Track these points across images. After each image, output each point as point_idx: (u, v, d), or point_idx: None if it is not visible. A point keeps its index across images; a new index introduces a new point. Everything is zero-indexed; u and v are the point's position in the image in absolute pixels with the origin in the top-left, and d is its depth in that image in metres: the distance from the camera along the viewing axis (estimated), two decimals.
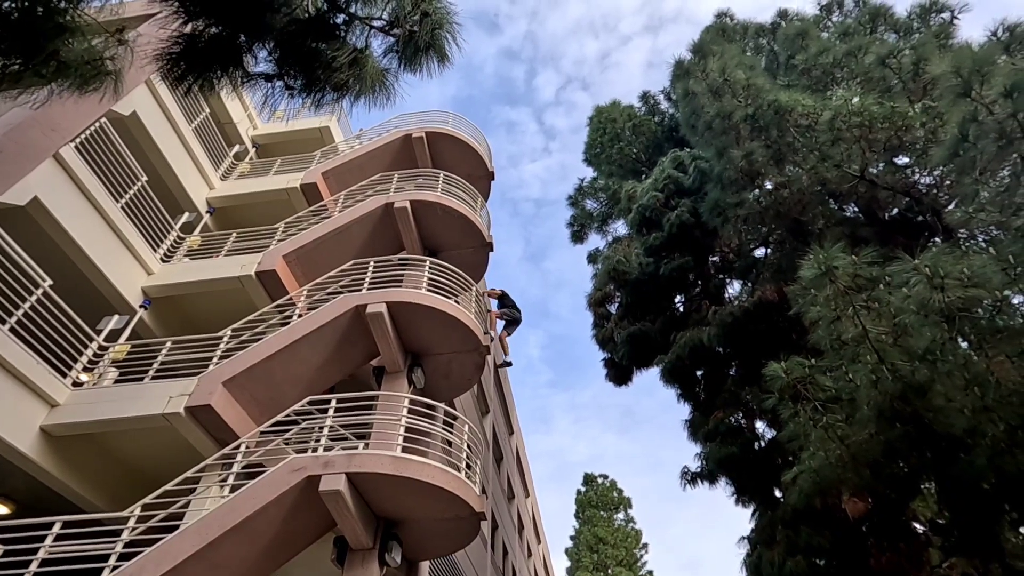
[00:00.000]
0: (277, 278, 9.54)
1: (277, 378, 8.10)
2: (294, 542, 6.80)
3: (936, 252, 5.12)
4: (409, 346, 9.14)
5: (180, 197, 11.05)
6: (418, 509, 7.00)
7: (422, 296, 8.60)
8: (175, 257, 10.22)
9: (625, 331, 13.44)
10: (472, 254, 11.25)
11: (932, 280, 4.73)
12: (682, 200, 12.70)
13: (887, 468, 6.35)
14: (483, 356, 9.43)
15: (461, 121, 13.41)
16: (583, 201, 18.97)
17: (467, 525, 7.32)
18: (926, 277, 4.82)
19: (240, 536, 6.13)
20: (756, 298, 10.45)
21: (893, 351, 5.76)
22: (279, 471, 6.37)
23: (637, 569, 41.36)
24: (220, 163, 12.39)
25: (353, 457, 6.42)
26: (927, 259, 4.97)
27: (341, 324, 8.46)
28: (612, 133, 18.02)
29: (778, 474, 11.30)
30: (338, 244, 10.18)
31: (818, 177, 8.54)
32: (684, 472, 13.70)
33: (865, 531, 9.71)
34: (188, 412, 7.35)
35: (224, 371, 7.73)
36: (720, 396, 11.38)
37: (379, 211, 10.48)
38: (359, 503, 6.59)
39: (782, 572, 9.32)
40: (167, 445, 7.62)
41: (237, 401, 7.78)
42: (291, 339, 8.06)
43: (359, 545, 6.80)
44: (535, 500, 30.09)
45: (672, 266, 12.29)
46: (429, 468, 6.59)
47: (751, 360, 11.00)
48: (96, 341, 8.39)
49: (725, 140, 9.36)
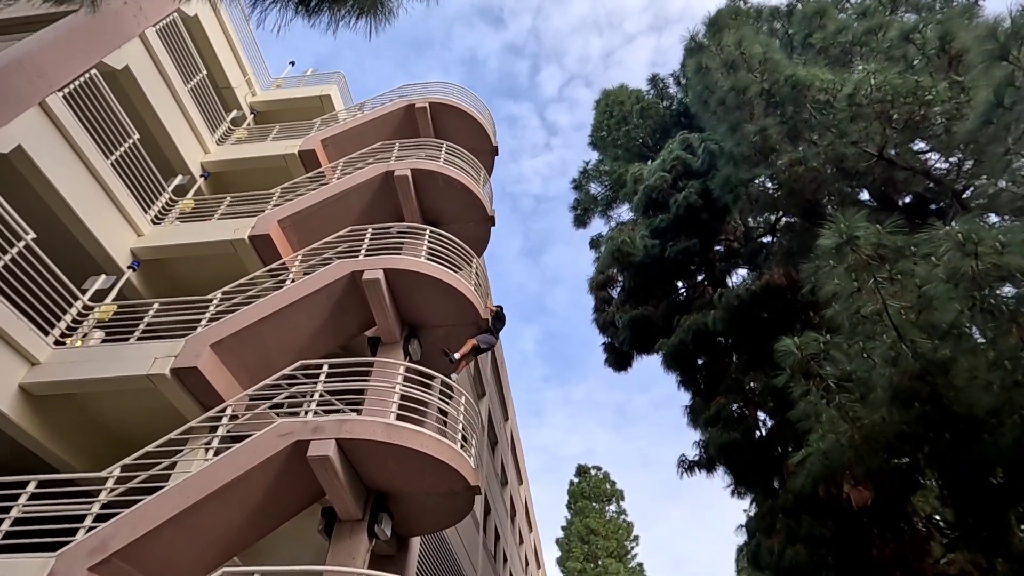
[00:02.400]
0: (271, 243, 9.21)
1: (268, 344, 7.80)
2: (280, 511, 6.53)
3: (967, 219, 4.83)
4: (406, 317, 8.85)
5: (173, 159, 10.70)
6: (411, 481, 6.73)
7: (421, 264, 8.30)
8: (166, 220, 9.89)
9: (627, 315, 13.15)
10: (473, 228, 10.93)
11: (965, 246, 4.44)
12: (690, 182, 12.37)
13: (901, 451, 6.09)
14: (482, 330, 9.14)
15: (465, 93, 13.06)
16: (587, 185, 18.64)
17: (461, 500, 7.06)
18: (958, 244, 4.52)
19: (223, 502, 5.85)
20: (764, 282, 10.17)
21: (913, 329, 5.48)
22: (266, 435, 6.09)
23: (628, 561, 41.37)
24: (216, 127, 12.03)
25: (344, 423, 6.13)
26: (959, 226, 4.68)
27: (336, 290, 8.16)
28: (619, 115, 17.65)
29: (778, 464, 11.09)
30: (335, 211, 9.84)
31: (835, 155, 8.22)
32: (681, 460, 13.48)
33: (867, 522, 9.49)
34: (174, 374, 7.06)
35: (212, 334, 7.43)
36: (723, 382, 11.12)
37: (379, 179, 10.14)
38: (349, 472, 6.31)
39: (781, 561, 9.09)
40: (151, 409, 7.33)
41: (225, 366, 7.49)
42: (283, 303, 7.76)
43: (348, 516, 6.53)
44: (528, 488, 29.96)
45: (678, 248, 11.98)
46: (423, 437, 6.32)
47: (756, 345, 10.73)
48: (81, 300, 8.08)
49: (739, 116, 9.03)
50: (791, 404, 10.28)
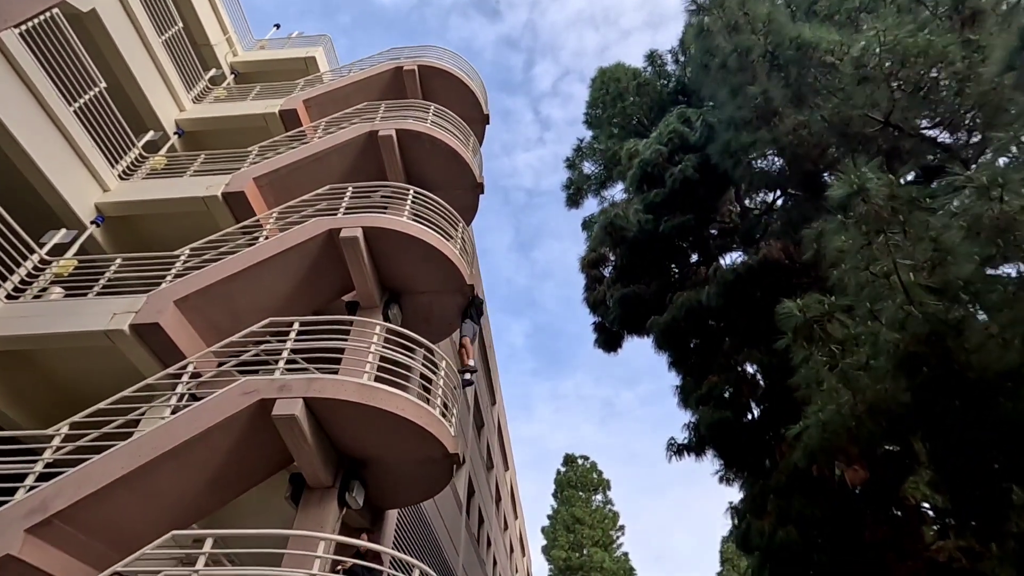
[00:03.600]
0: (246, 202, 8.71)
1: (238, 304, 7.32)
2: (244, 476, 6.10)
3: (987, 163, 4.46)
4: (387, 281, 8.40)
5: (144, 113, 10.14)
6: (386, 447, 6.32)
7: (403, 224, 7.84)
8: (135, 176, 9.34)
9: (618, 292, 12.78)
10: (461, 196, 10.45)
11: (989, 190, 4.07)
12: (687, 155, 11.97)
13: (906, 420, 5.76)
14: (467, 298, 8.71)
15: (458, 59, 12.55)
16: (581, 163, 18.20)
17: (439, 469, 6.66)
18: (980, 188, 4.15)
19: (179, 463, 5.41)
20: (762, 256, 9.82)
21: (923, 291, 5.12)
22: (228, 393, 5.64)
23: (613, 550, 41.36)
24: (193, 85, 11.45)
25: (313, 382, 5.70)
26: (981, 170, 4.31)
27: (312, 249, 7.69)
28: (615, 92, 17.19)
29: (770, 446, 10.80)
30: (315, 172, 9.33)
31: (840, 118, 7.85)
32: (670, 444, 13.17)
33: (860, 504, 9.22)
34: (133, 331, 6.59)
35: (178, 290, 6.95)
36: (715, 361, 10.79)
37: (362, 139, 9.64)
38: (319, 435, 5.89)
39: (772, 542, 8.81)
40: (110, 369, 6.84)
41: (191, 324, 7.02)
42: (254, 260, 7.28)
43: (317, 483, 6.12)
44: (514, 474, 29.71)
45: (672, 224, 11.60)
46: (400, 399, 5.89)
47: (751, 323, 10.40)
48: (38, 254, 7.57)
49: (741, 79, 8.63)
50: (785, 383, 10.02)
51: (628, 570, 40.12)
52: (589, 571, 39.01)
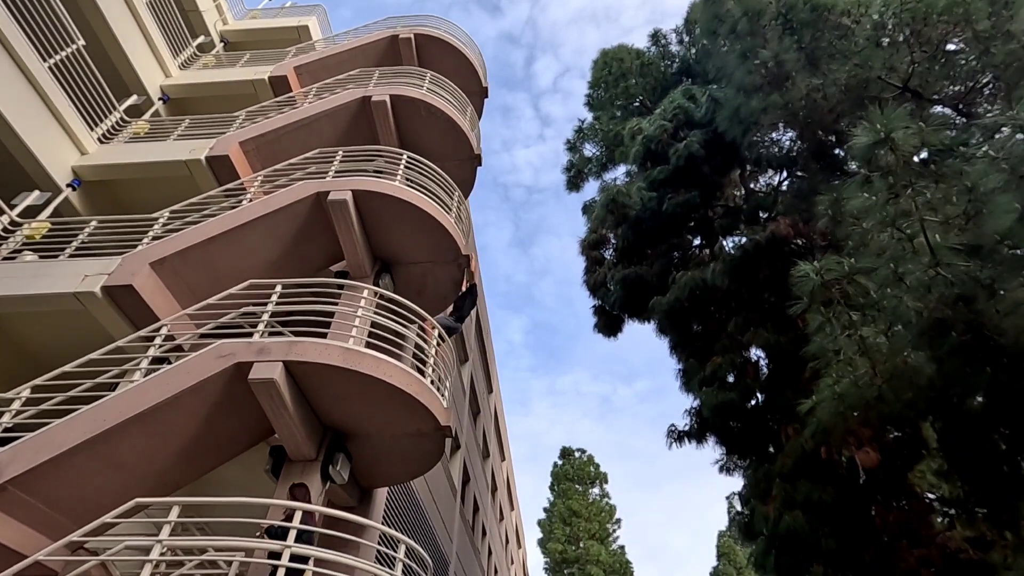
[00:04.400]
0: (231, 167, 8.29)
1: (219, 269, 6.91)
2: (221, 447, 5.71)
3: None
4: (378, 250, 7.99)
5: (127, 76, 9.70)
6: (373, 418, 5.94)
7: (395, 188, 7.43)
8: (116, 140, 8.91)
9: (619, 274, 12.38)
10: (458, 167, 10.03)
11: None
12: (693, 132, 11.56)
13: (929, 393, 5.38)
14: (462, 270, 8.32)
15: (456, 30, 12.10)
16: (582, 146, 17.77)
17: (430, 444, 6.28)
18: None
19: (147, 430, 5.03)
20: (769, 232, 9.43)
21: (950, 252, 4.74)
22: (203, 356, 5.25)
23: (609, 544, 41.13)
24: (180, 51, 11.00)
25: (294, 345, 5.31)
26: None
27: (299, 213, 7.28)
28: (618, 72, 16.73)
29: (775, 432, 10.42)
30: (305, 138, 8.91)
31: (857, 82, 7.44)
32: (671, 430, 12.81)
33: (869, 489, 8.88)
34: (106, 293, 6.20)
35: (154, 251, 6.55)
36: (719, 342, 10.41)
37: (354, 105, 9.22)
38: (300, 403, 5.50)
39: (777, 528, 8.45)
40: (81, 334, 6.44)
41: (168, 288, 6.62)
42: (237, 223, 6.88)
43: (299, 455, 5.74)
44: (511, 464, 29.40)
45: (677, 202, 11.19)
46: (387, 365, 5.51)
47: (757, 302, 10.02)
48: (8, 215, 7.16)
49: (751, 43, 8.20)
50: (792, 364, 9.64)
51: (624, 563, 39.90)
52: (585, 564, 38.81)
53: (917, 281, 4.87)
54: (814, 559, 8.20)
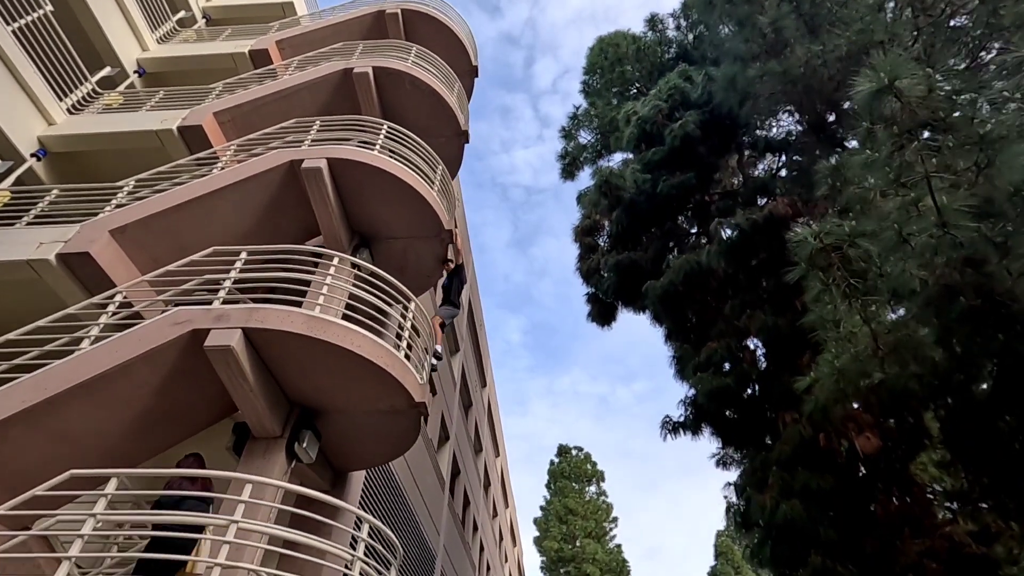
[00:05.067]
0: (204, 138, 7.94)
1: (185, 239, 6.55)
2: (179, 422, 5.36)
3: None
4: (356, 224, 7.64)
5: (101, 47, 9.34)
6: (343, 394, 5.58)
7: (373, 157, 7.07)
8: (87, 111, 8.55)
9: (613, 259, 12.03)
10: (445, 144, 9.68)
11: None
12: (689, 112, 11.21)
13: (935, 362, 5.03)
14: (445, 246, 7.97)
15: (445, 7, 11.75)
16: (576, 133, 17.42)
17: (404, 423, 5.93)
18: None
19: (95, 400, 4.67)
20: (767, 211, 9.08)
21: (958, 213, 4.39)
22: (156, 323, 4.90)
23: (606, 542, 40.75)
24: (159, 25, 10.64)
25: (255, 311, 4.95)
26: None
27: (271, 183, 6.93)
28: (614, 58, 16.39)
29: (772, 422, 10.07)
30: (284, 111, 8.55)
31: (857, 48, 7.09)
32: (665, 421, 12.47)
33: (870, 478, 8.53)
34: (61, 261, 5.86)
35: (114, 219, 6.20)
36: (715, 327, 10.06)
37: (336, 77, 8.87)
38: (263, 376, 5.15)
39: (774, 517, 8.11)
40: (37, 306, 6.03)
41: (131, 258, 6.27)
42: (205, 191, 6.53)
43: (263, 432, 5.38)
44: (505, 460, 29.04)
45: (672, 183, 10.83)
46: (356, 335, 5.15)
47: (753, 284, 9.67)
48: None
49: (749, 9, 7.87)
50: (790, 347, 9.29)
51: (621, 562, 39.50)
52: (581, 563, 38.43)
53: (923, 244, 4.52)
54: (812, 549, 7.85)
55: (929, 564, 7.08)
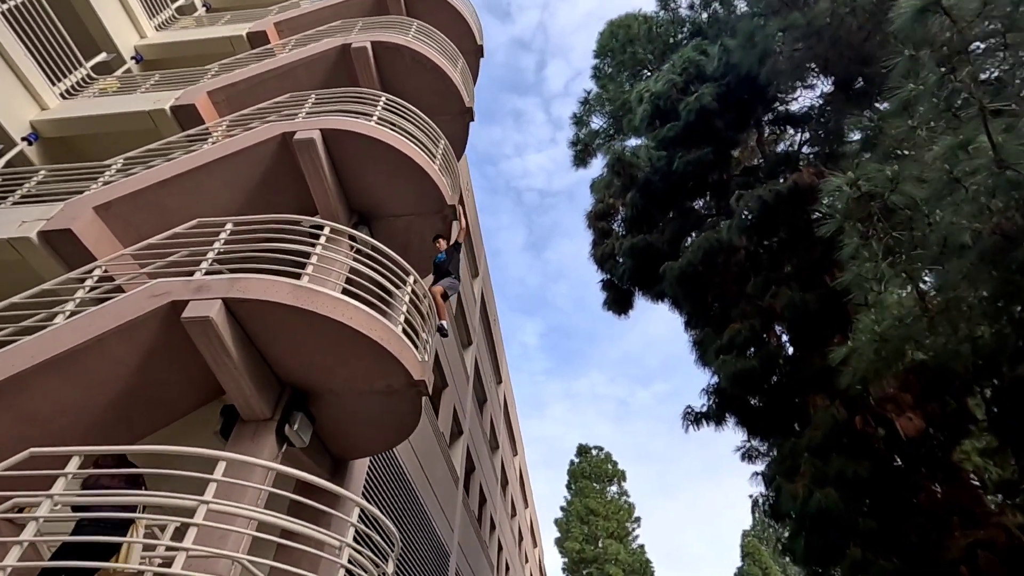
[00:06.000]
0: (197, 117, 7.67)
1: (174, 217, 6.19)
2: (162, 404, 5.02)
3: None
4: (355, 202, 7.28)
5: (96, 33, 9.16)
6: (335, 371, 5.19)
7: (369, 127, 6.70)
8: (81, 96, 8.34)
9: (628, 243, 11.52)
10: (449, 122, 9.28)
11: None
12: (704, 85, 10.66)
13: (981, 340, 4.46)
14: (448, 222, 7.56)
15: None
16: (588, 119, 16.92)
17: (403, 404, 5.52)
18: None
19: (66, 379, 4.34)
20: (792, 181, 8.51)
21: (1018, 148, 3.84)
22: (133, 295, 4.57)
23: (628, 542, 39.96)
24: (158, 12, 10.45)
25: (236, 281, 4.59)
26: None
27: (263, 157, 6.60)
28: (625, 39, 15.88)
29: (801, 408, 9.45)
30: (280, 89, 8.20)
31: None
32: (687, 412, 11.91)
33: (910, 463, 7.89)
34: (43, 239, 5.59)
35: (99, 196, 5.92)
36: (736, 308, 9.48)
37: (333, 54, 8.55)
38: (248, 352, 4.78)
39: (807, 507, 7.52)
40: (21, 285, 5.78)
41: (116, 236, 5.98)
42: (193, 166, 6.22)
43: (251, 414, 5.01)
44: (524, 459, 28.55)
45: (688, 160, 10.29)
46: (347, 306, 4.76)
47: (777, 262, 9.09)
48: None
49: None
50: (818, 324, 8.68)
51: (644, 563, 38.69)
52: (604, 564, 37.71)
53: (978, 186, 3.97)
54: (850, 541, 7.26)
55: (984, 555, 6.44)
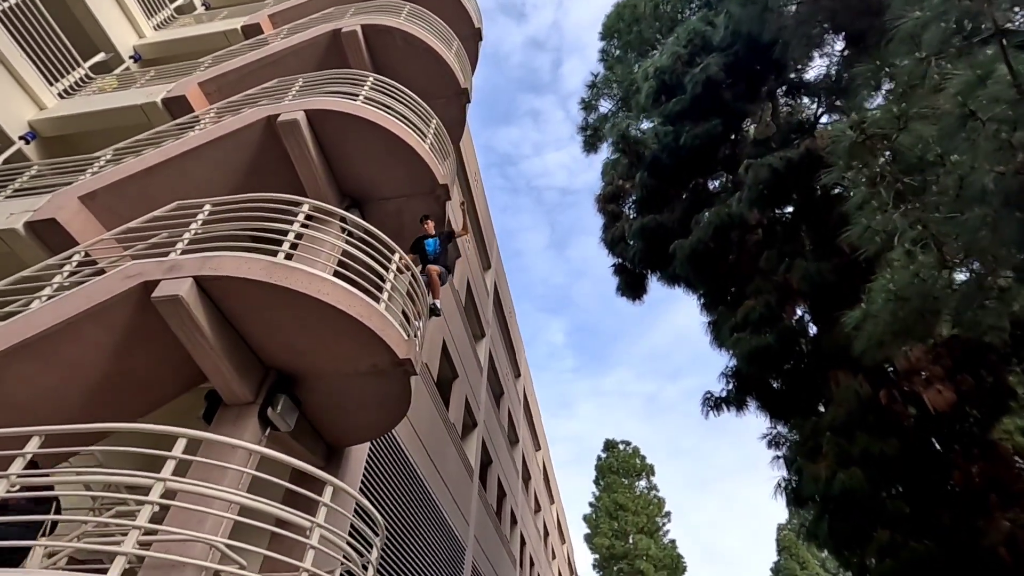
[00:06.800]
0: (190, 109, 7.63)
1: (160, 205, 6.09)
2: (143, 389, 4.93)
3: None
4: (344, 186, 7.13)
5: (94, 34, 9.23)
6: (319, 353, 5.03)
7: (355, 106, 6.54)
8: (79, 96, 8.40)
9: (638, 224, 11.15)
10: (445, 106, 9.08)
11: None
12: (711, 55, 10.24)
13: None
14: (442, 204, 7.35)
15: None
16: (596, 103, 16.54)
17: (391, 385, 5.32)
18: None
19: (40, 363, 4.28)
20: (804, 148, 8.06)
21: None
22: (106, 278, 4.48)
23: (659, 537, 39.30)
24: (156, 13, 10.51)
25: (209, 259, 4.45)
26: None
27: (250, 142, 6.50)
28: (631, 19, 15.47)
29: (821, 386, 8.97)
30: (272, 77, 8.09)
31: None
32: (707, 397, 11.49)
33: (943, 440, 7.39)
34: (29, 230, 5.58)
35: (84, 186, 5.90)
36: (751, 285, 9.05)
37: (324, 40, 8.43)
38: (226, 333, 4.65)
39: (830, 489, 7.09)
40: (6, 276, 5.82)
41: (103, 224, 5.93)
42: (177, 152, 6.15)
43: (233, 398, 4.88)
44: (548, 455, 28.24)
45: (696, 133, 9.88)
46: (324, 282, 4.59)
47: (791, 234, 8.64)
48: None
49: None
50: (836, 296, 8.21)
51: (675, 557, 38.00)
52: (634, 559, 37.19)
53: (997, 119, 3.57)
54: (877, 524, 6.81)
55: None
